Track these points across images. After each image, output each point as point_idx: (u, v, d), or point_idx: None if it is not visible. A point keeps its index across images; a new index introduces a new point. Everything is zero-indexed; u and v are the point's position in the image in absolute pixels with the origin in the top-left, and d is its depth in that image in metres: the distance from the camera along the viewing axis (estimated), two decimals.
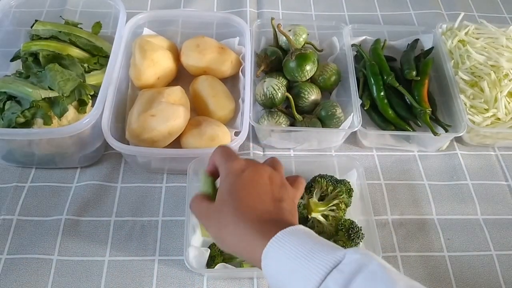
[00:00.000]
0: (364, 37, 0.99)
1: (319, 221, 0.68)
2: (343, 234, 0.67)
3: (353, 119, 0.80)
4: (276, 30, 0.89)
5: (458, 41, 0.95)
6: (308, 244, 0.42)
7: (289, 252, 0.42)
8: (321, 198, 0.71)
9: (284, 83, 0.86)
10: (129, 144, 0.77)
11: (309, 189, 0.72)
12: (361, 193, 0.71)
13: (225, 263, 0.66)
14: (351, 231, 0.67)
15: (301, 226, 0.45)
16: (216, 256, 0.67)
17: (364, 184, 0.71)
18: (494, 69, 0.87)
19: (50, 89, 0.74)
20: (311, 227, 0.69)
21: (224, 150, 0.54)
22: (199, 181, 0.56)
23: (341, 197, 0.70)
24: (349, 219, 0.69)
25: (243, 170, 0.50)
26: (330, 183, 0.71)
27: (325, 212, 0.69)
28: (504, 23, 1.00)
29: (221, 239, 0.48)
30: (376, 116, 0.87)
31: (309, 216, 0.69)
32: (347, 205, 0.71)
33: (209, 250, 0.67)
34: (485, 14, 1.13)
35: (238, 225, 0.46)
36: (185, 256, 0.62)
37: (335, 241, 0.67)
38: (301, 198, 0.71)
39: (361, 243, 0.67)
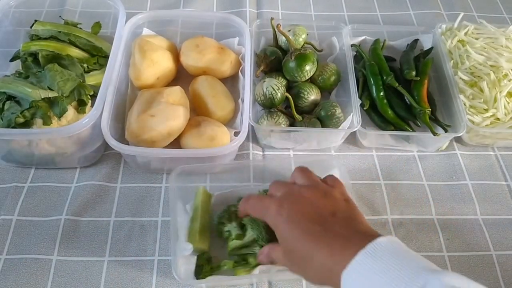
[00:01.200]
0: (363, 37, 0.99)
1: None
2: None
3: (353, 119, 0.80)
4: (276, 30, 0.89)
5: (458, 41, 0.95)
6: (389, 265, 0.40)
7: (371, 275, 0.40)
8: None
9: (284, 83, 0.86)
10: (128, 144, 0.77)
11: None
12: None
13: (214, 275, 0.66)
14: None
15: (381, 240, 0.43)
16: (204, 265, 0.66)
17: (348, 184, 0.69)
18: (494, 69, 0.87)
19: (50, 89, 0.74)
20: None
21: (251, 199, 0.54)
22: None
23: None
24: None
25: (281, 205, 0.50)
26: None
27: None
28: (503, 23, 1.00)
29: (308, 277, 0.48)
30: (375, 116, 0.86)
31: None
32: None
33: (196, 258, 0.66)
34: (485, 14, 1.14)
35: (312, 259, 0.46)
36: (173, 267, 0.60)
37: None
38: None
39: None
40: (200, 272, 0.66)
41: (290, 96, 0.82)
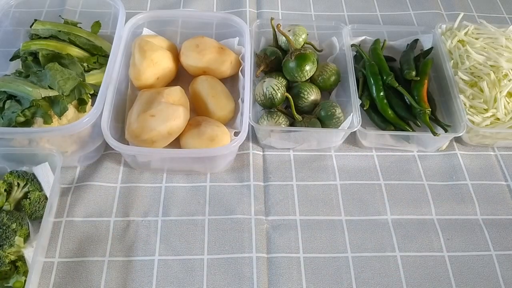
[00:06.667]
0: (363, 37, 0.99)
1: None
2: None
3: (353, 119, 0.80)
4: (276, 30, 0.89)
5: (458, 41, 0.95)
6: None
7: None
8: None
9: (284, 83, 0.86)
10: (128, 144, 0.77)
11: None
12: None
13: None
14: None
15: None
16: None
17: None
18: (494, 69, 0.87)
19: (50, 88, 0.74)
20: None
21: None
22: None
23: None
24: None
25: None
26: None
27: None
28: (503, 23, 1.00)
29: None
30: (375, 116, 0.87)
31: None
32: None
33: None
34: (485, 14, 1.14)
35: None
36: None
37: None
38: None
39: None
40: None
41: (290, 96, 0.82)
